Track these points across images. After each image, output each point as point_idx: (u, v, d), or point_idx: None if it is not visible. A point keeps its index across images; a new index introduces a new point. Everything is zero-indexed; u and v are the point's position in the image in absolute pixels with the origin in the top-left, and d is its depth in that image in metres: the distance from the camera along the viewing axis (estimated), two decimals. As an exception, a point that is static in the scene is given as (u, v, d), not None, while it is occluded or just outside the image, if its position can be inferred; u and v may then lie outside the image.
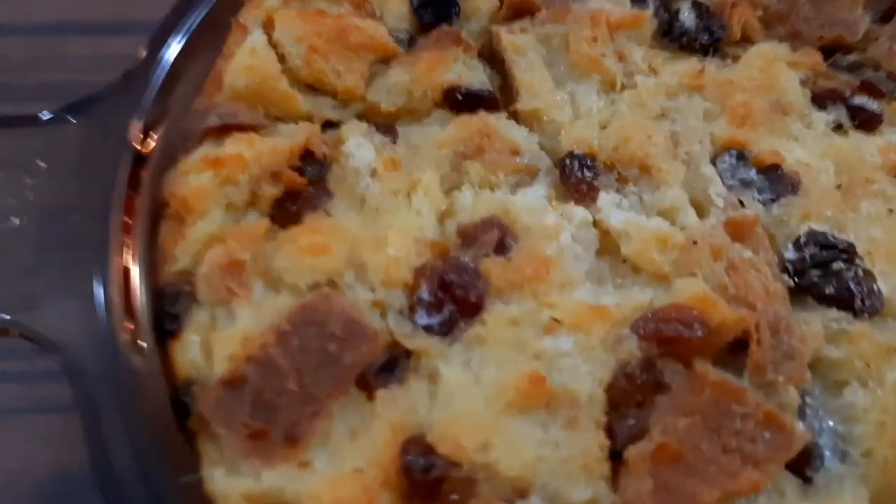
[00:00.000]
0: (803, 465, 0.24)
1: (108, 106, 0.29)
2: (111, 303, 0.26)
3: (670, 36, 0.36)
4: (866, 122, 0.32)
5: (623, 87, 0.34)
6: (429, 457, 0.23)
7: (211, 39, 0.32)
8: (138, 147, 0.29)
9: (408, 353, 0.26)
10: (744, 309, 0.26)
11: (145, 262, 0.27)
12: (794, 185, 0.30)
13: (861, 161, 0.30)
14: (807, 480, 0.24)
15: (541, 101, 0.33)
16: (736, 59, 0.34)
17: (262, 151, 0.28)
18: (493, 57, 0.35)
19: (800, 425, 0.24)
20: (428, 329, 0.26)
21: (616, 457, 0.24)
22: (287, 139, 0.29)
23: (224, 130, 0.29)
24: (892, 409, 0.25)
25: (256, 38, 0.31)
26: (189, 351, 0.25)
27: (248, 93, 0.30)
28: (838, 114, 0.33)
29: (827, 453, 0.24)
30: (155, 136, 0.29)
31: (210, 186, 0.27)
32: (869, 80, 0.34)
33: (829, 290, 0.26)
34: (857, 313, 0.26)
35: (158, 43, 0.31)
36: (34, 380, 0.35)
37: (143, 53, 0.31)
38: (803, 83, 0.34)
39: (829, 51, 0.36)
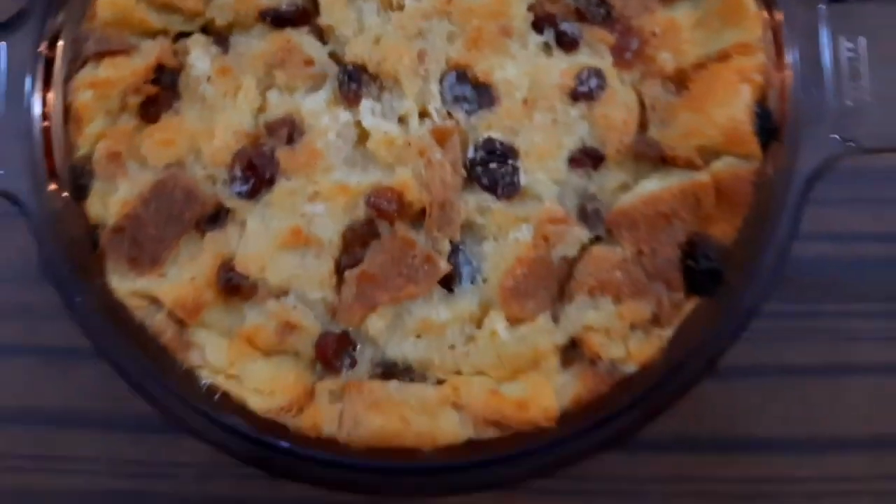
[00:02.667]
0: (448, 283, 0.41)
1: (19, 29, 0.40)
2: (42, 170, 0.41)
3: None
4: (567, 44, 0.42)
5: (397, 7, 0.44)
6: (232, 273, 0.41)
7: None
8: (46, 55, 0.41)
9: (227, 210, 0.42)
10: (426, 193, 0.40)
11: (62, 146, 0.41)
12: (492, 100, 0.42)
13: (546, 80, 0.42)
14: (450, 292, 0.41)
15: (333, 19, 0.43)
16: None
17: (126, 72, 0.40)
18: None
19: (444, 262, 0.40)
20: (239, 194, 0.42)
21: (341, 276, 0.41)
22: (145, 57, 0.41)
23: (99, 55, 0.40)
24: (506, 255, 0.40)
25: None
26: (94, 207, 0.42)
27: (115, 21, 0.42)
28: (549, 36, 0.43)
29: (465, 278, 0.41)
30: (57, 49, 0.41)
31: (92, 101, 0.40)
32: (582, 4, 0.43)
33: (484, 181, 0.41)
34: (498, 196, 0.41)
35: None
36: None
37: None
38: (530, 7, 0.43)
39: None
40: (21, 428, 0.52)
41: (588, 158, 0.42)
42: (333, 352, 0.40)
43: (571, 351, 0.41)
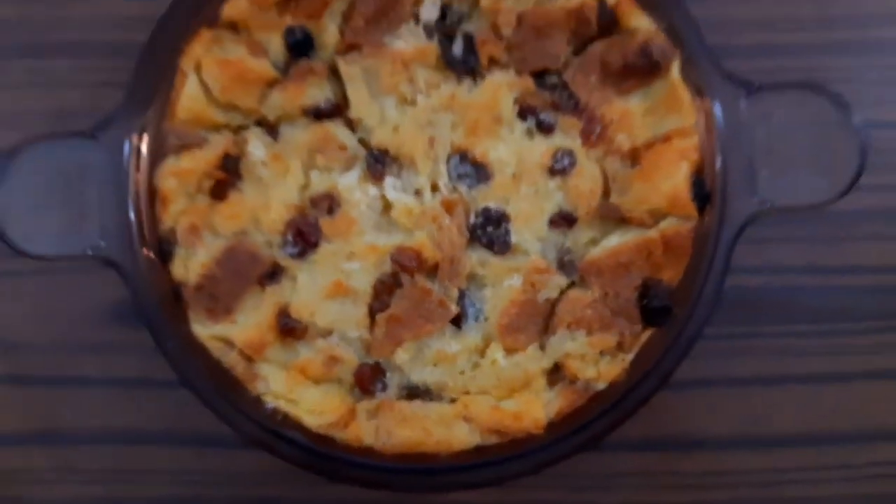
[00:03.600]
0: (457, 322, 0.51)
1: (114, 129, 0.50)
2: (136, 240, 0.50)
3: (447, 61, 0.55)
4: (545, 129, 0.52)
5: (411, 103, 0.54)
6: (288, 318, 0.51)
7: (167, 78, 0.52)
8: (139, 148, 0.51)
9: (282, 268, 0.51)
10: (438, 251, 0.50)
11: (149, 220, 0.51)
12: (488, 176, 0.52)
13: (530, 159, 0.52)
14: (459, 328, 0.51)
15: (361, 112, 0.53)
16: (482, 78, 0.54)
17: (201, 162, 0.50)
18: (337, 73, 0.54)
19: (454, 306, 0.50)
20: (291, 255, 0.51)
21: (373, 318, 0.51)
22: (214, 149, 0.51)
23: (179, 148, 0.50)
24: (502, 299, 0.51)
25: (192, 83, 0.50)
26: (177, 269, 0.50)
27: (190, 119, 0.51)
28: (531, 123, 0.53)
29: (470, 317, 0.51)
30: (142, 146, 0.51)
31: (175, 186, 0.50)
32: (556, 97, 0.53)
33: (483, 240, 0.51)
34: (494, 253, 0.51)
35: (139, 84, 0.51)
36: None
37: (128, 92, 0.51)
38: (516, 101, 0.53)
39: (542, 73, 0.54)
40: (102, 446, 0.59)
41: (564, 220, 0.51)
42: (369, 379, 0.51)
43: (555, 373, 0.50)
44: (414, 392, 0.50)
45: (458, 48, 0.53)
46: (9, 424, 0.60)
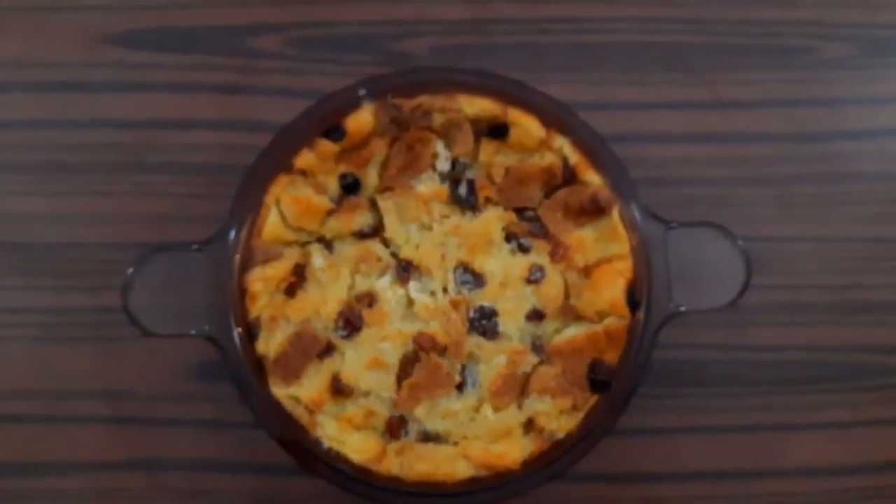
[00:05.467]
0: (460, 388, 0.66)
1: (216, 244, 0.69)
2: (231, 323, 0.69)
3: (454, 199, 0.74)
4: (524, 250, 0.70)
5: (428, 228, 0.72)
6: (339, 382, 0.68)
7: (255, 209, 0.70)
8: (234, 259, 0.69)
9: (334, 346, 0.67)
10: (447, 337, 0.69)
11: (240, 310, 0.69)
12: (483, 282, 0.70)
13: (513, 271, 0.69)
14: (461, 392, 0.67)
15: (392, 234, 0.70)
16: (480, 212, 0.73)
17: (279, 271, 0.68)
18: (376, 206, 0.72)
19: (457, 376, 0.67)
20: (341, 337, 0.67)
21: (400, 384, 0.69)
22: (288, 261, 0.69)
23: (264, 260, 0.69)
24: (491, 372, 0.68)
25: (273, 214, 0.68)
26: (261, 346, 0.65)
27: (271, 239, 0.69)
28: (514, 245, 0.72)
29: (469, 385, 0.68)
30: (237, 257, 0.69)
31: (261, 289, 0.67)
32: (532, 227, 0.72)
33: (479, 330, 0.68)
34: (487, 339, 0.68)
35: (235, 213, 0.69)
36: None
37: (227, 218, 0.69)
38: (503, 228, 0.71)
39: (522, 210, 0.71)
40: (187, 471, 0.74)
41: (536, 316, 0.66)
42: (396, 427, 0.65)
43: (529, 426, 0.65)
44: (428, 437, 0.64)
45: (463, 190, 0.71)
46: (115, 455, 0.77)
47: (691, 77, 0.81)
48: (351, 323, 0.67)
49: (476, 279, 0.68)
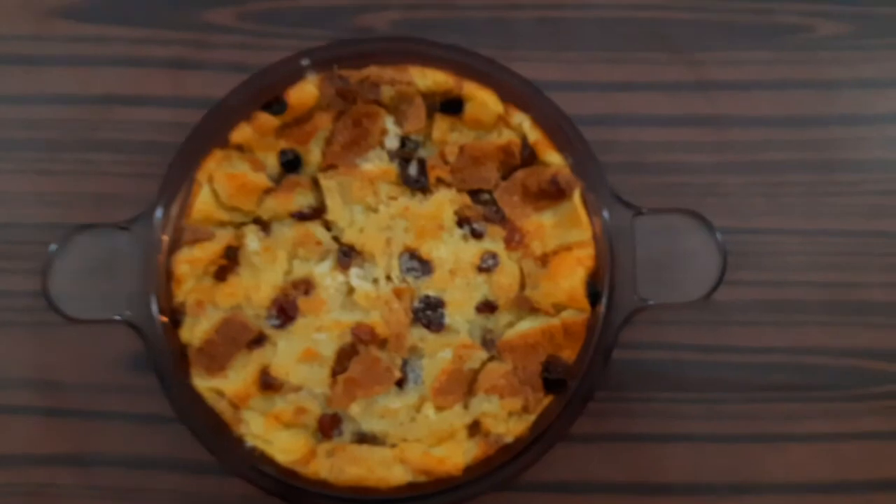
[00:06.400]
0: (401, 384, 0.63)
1: (142, 223, 0.64)
2: (154, 309, 0.64)
3: (404, 179, 0.68)
4: (477, 235, 0.65)
5: (374, 210, 0.66)
6: (269, 376, 0.62)
7: (187, 186, 0.66)
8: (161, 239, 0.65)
9: (266, 336, 0.63)
10: (388, 328, 0.64)
11: (165, 294, 0.64)
12: (431, 270, 0.65)
13: (464, 258, 0.64)
14: (401, 389, 0.62)
15: (335, 216, 0.66)
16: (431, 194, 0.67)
17: (209, 252, 0.63)
18: (318, 185, 0.66)
19: (397, 371, 0.62)
20: (274, 326, 0.63)
21: (335, 379, 0.64)
22: (220, 242, 0.64)
23: (193, 241, 0.64)
24: (436, 368, 0.63)
25: (205, 191, 0.64)
26: (185, 333, 0.61)
27: (202, 218, 0.64)
28: (466, 230, 0.66)
29: (410, 381, 0.63)
30: (164, 238, 0.65)
31: (187, 271, 0.63)
32: (487, 211, 0.67)
33: (424, 321, 0.63)
34: (431, 330, 0.63)
35: (164, 190, 0.65)
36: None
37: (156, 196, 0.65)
38: (455, 212, 0.66)
39: (477, 192, 0.65)
40: (116, 468, 0.70)
41: (487, 307, 0.62)
42: (328, 426, 0.61)
43: (474, 428, 0.60)
44: (363, 438, 0.60)
45: (413, 170, 0.66)
46: (43, 448, 0.73)
47: (675, 56, 0.75)
48: (285, 311, 0.62)
49: (423, 266, 0.63)
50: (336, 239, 0.64)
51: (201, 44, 0.78)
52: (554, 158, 0.64)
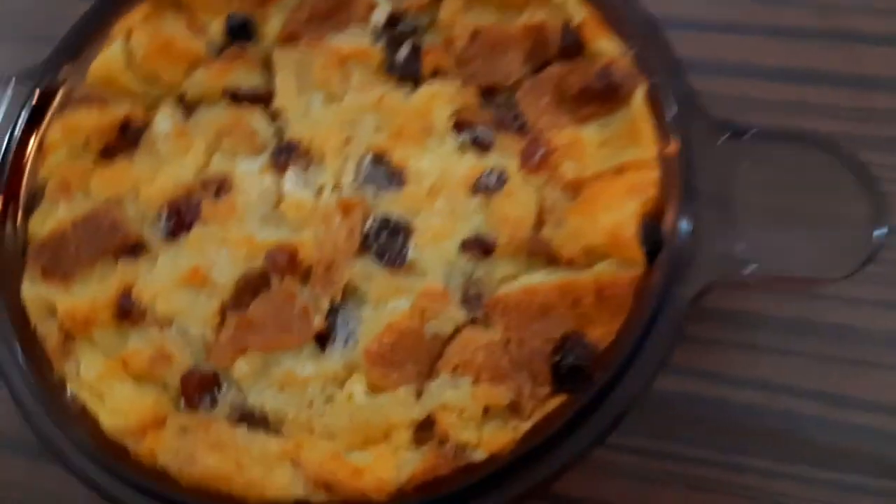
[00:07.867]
0: (323, 341, 0.41)
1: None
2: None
3: (390, 65, 0.50)
4: (481, 146, 0.45)
5: (338, 100, 0.49)
6: (130, 300, 0.43)
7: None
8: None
9: (144, 246, 0.45)
10: (317, 253, 0.42)
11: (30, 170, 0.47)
12: (401, 182, 0.44)
13: (453, 174, 0.44)
14: (323, 349, 0.41)
15: (285, 102, 0.49)
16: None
17: (92, 121, 0.46)
18: (270, 67, 0.51)
19: (319, 318, 0.41)
20: (161, 235, 0.45)
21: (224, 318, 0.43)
22: (115, 112, 0.47)
23: (80, 102, 0.47)
24: (382, 325, 0.41)
25: (116, 47, 0.49)
26: (34, 225, 0.45)
27: (102, 81, 0.48)
28: (466, 138, 0.46)
29: (339, 339, 0.41)
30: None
31: (59, 138, 0.46)
32: (501, 115, 0.47)
33: (375, 249, 0.42)
34: (385, 264, 0.42)
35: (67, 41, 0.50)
36: None
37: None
38: (454, 113, 0.47)
39: (492, 89, 0.49)
40: None
41: (479, 246, 0.42)
42: (195, 388, 0.41)
43: (425, 428, 0.39)
44: (245, 416, 0.40)
45: (403, 53, 0.48)
46: None
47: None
48: (180, 216, 0.42)
49: (392, 177, 0.43)
50: (279, 133, 0.45)
51: None
52: (607, 46, 0.43)
